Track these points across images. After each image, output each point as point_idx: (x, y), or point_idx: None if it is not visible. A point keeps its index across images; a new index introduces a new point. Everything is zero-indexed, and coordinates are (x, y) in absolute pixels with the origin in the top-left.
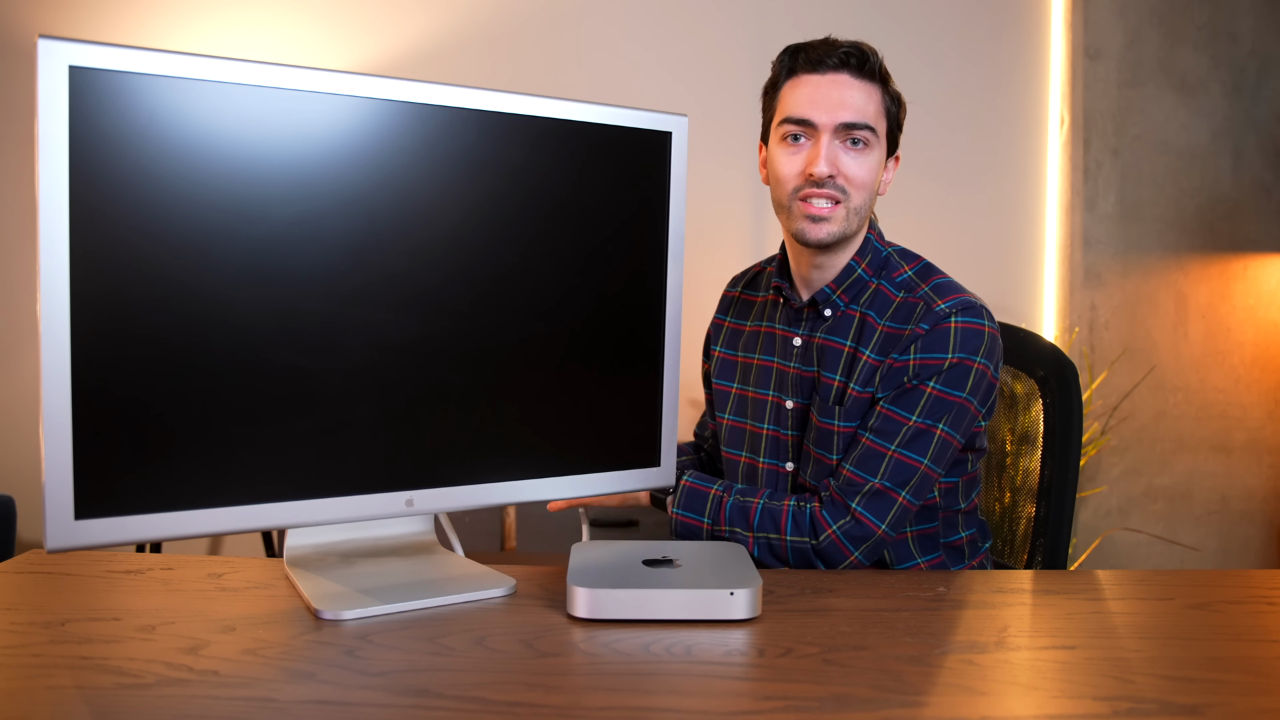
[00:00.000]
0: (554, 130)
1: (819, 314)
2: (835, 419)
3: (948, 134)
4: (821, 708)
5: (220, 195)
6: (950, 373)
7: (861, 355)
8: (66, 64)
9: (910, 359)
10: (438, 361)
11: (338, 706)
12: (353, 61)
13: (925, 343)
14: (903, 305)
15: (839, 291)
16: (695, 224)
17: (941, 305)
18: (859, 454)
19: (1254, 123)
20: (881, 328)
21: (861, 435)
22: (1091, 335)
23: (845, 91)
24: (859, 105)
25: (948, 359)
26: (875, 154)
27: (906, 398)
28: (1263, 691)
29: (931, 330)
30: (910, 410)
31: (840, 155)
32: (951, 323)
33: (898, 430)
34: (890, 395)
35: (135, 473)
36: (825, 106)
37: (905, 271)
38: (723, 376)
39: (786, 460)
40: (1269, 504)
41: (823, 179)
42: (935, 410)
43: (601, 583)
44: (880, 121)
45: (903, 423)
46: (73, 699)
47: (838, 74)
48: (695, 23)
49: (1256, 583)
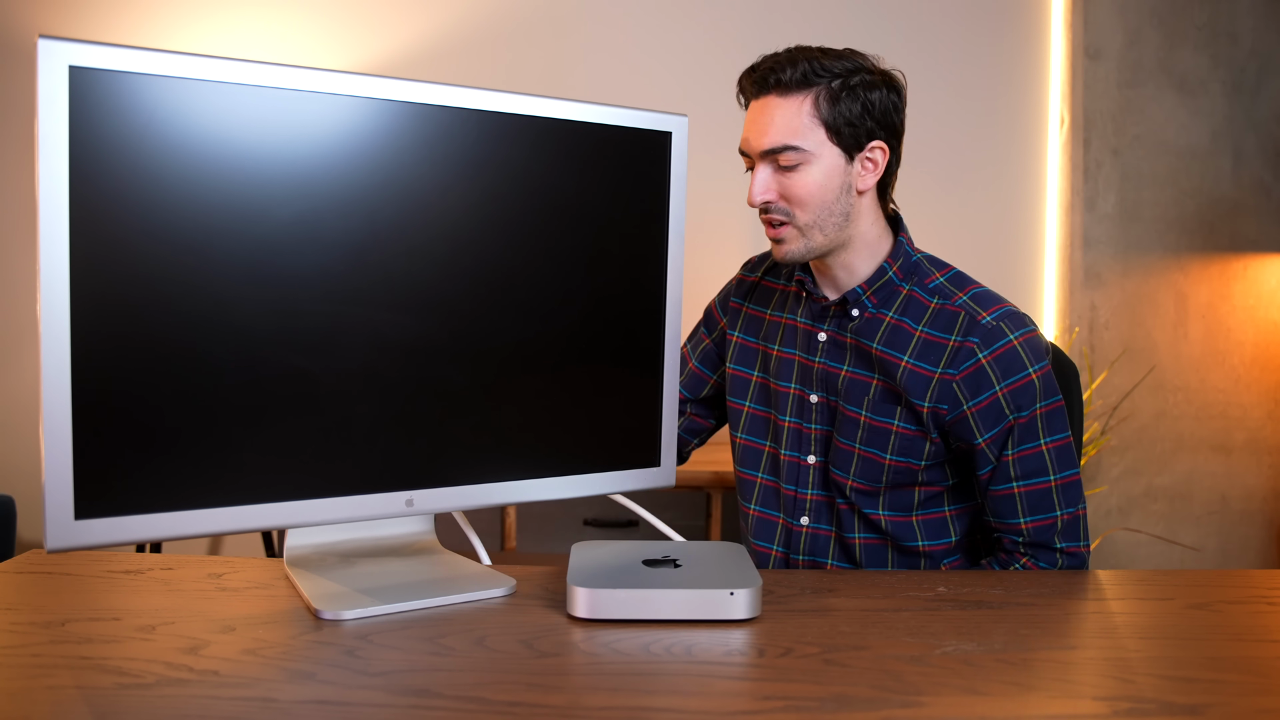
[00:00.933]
0: (554, 130)
1: (846, 313)
2: (895, 419)
3: (948, 134)
4: (821, 708)
5: (220, 195)
6: (1042, 387)
7: (902, 362)
8: (66, 64)
9: (996, 391)
10: (438, 361)
11: (338, 706)
12: (353, 61)
13: (1001, 370)
14: (941, 313)
15: (869, 293)
16: (695, 224)
17: (987, 318)
18: (1026, 504)
19: (1254, 123)
20: (920, 334)
21: (1014, 487)
22: (1091, 335)
23: (767, 115)
24: (780, 126)
25: (1032, 376)
26: (813, 168)
27: (1026, 431)
28: (1263, 691)
29: (997, 355)
30: (1036, 438)
31: (777, 179)
32: (1015, 340)
33: (1042, 462)
34: (1010, 437)
35: (135, 473)
36: (752, 135)
37: (937, 278)
38: (742, 363)
39: (809, 453)
40: (1269, 504)
41: (760, 207)
42: (1052, 424)
43: (601, 583)
44: (811, 133)
45: (1040, 452)
46: (73, 699)
47: (765, 97)
48: (695, 23)
49: (1256, 583)
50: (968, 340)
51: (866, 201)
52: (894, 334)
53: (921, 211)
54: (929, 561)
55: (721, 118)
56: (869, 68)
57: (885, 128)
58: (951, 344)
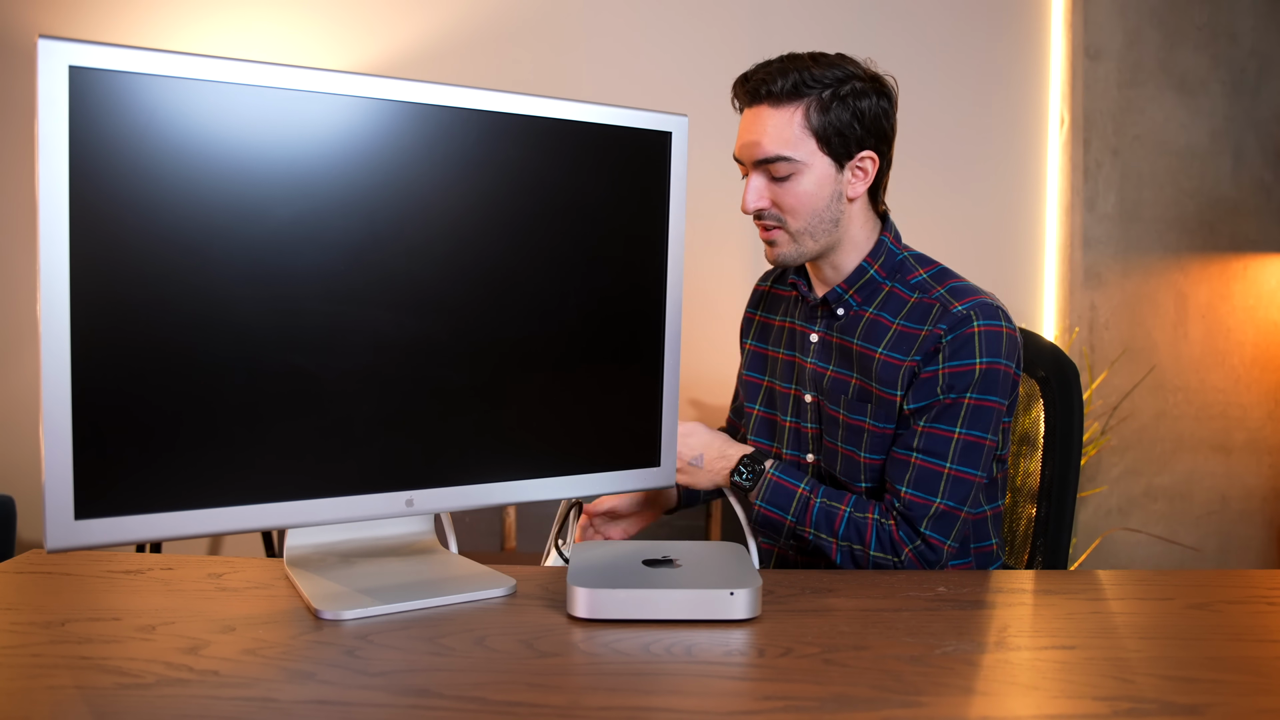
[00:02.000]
0: (554, 130)
1: (832, 312)
2: (866, 416)
3: (948, 134)
4: (821, 708)
5: (220, 195)
6: (982, 380)
7: (875, 354)
8: (66, 64)
9: (939, 368)
10: (438, 361)
11: (337, 706)
12: (353, 61)
13: (951, 350)
14: (917, 305)
15: (851, 291)
16: (695, 224)
17: (959, 307)
18: (915, 476)
19: (1254, 123)
20: (896, 326)
21: (913, 457)
22: (1091, 335)
23: (760, 125)
24: (772, 136)
25: (976, 366)
26: (805, 177)
27: (947, 412)
28: (1263, 691)
29: (955, 337)
30: (953, 424)
31: (770, 187)
32: (975, 327)
33: (946, 447)
34: (929, 412)
35: (135, 473)
36: (744, 145)
37: (920, 274)
38: (754, 369)
39: (807, 452)
40: (1269, 504)
41: (756, 212)
42: (977, 420)
43: (601, 583)
44: (802, 143)
45: (949, 438)
46: (73, 699)
47: (758, 107)
48: (695, 23)
49: (1256, 583)
50: (936, 327)
51: (858, 206)
52: (871, 328)
53: (922, 211)
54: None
55: (722, 118)
56: (859, 74)
57: (875, 134)
58: (923, 333)
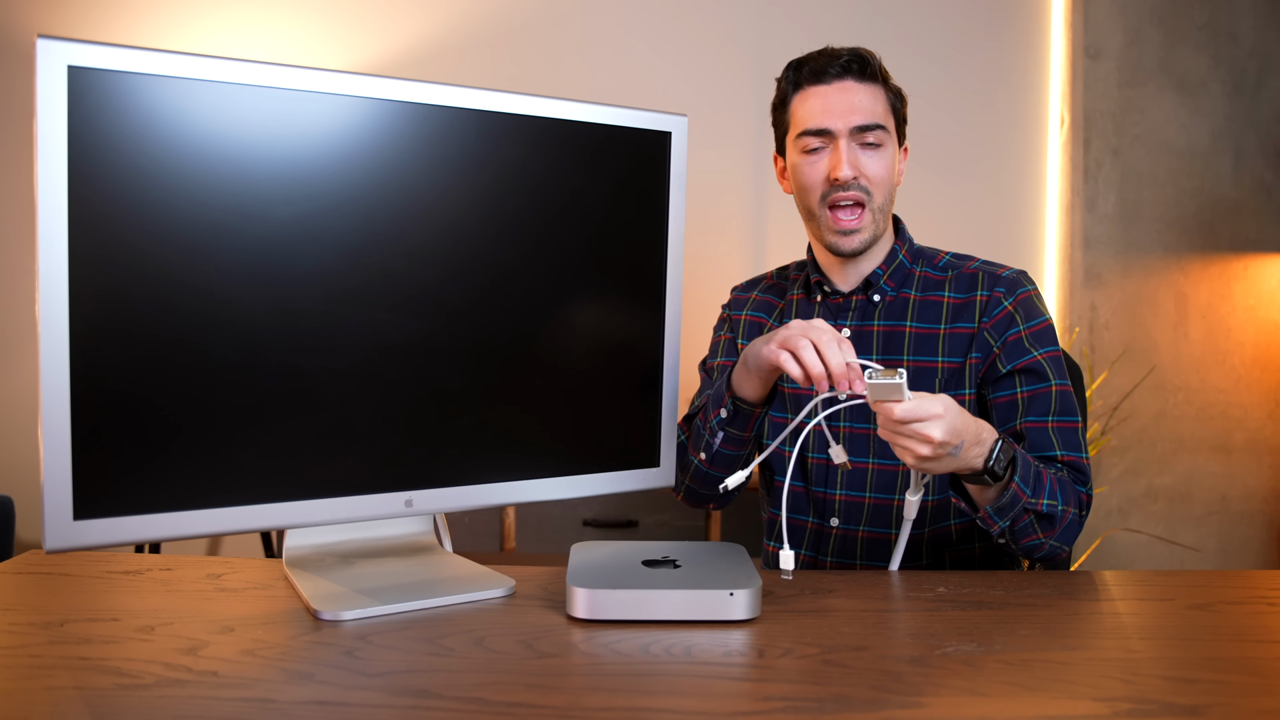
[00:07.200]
0: (554, 130)
1: (869, 301)
2: (935, 389)
3: (948, 133)
4: (821, 708)
5: (220, 195)
6: (1051, 334)
7: (939, 330)
8: (65, 64)
9: (1020, 329)
10: (438, 361)
11: (337, 707)
12: (353, 61)
13: (1024, 312)
14: (960, 278)
15: (886, 275)
16: (695, 224)
17: (1006, 272)
18: (1063, 438)
19: (1254, 123)
20: (948, 300)
21: (1048, 421)
22: (1091, 335)
23: (853, 96)
24: (868, 107)
25: (1046, 321)
26: (889, 150)
27: (1046, 368)
28: (1263, 692)
29: (1016, 299)
30: (1057, 378)
31: (859, 157)
32: (1030, 290)
33: (1067, 402)
34: (1030, 374)
35: (134, 473)
36: (838, 113)
37: (944, 256)
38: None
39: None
40: (1269, 504)
41: (847, 181)
42: (1060, 370)
43: (601, 583)
44: (889, 119)
45: (1065, 392)
46: (72, 699)
47: (843, 81)
48: (695, 23)
49: (1256, 583)
50: (995, 291)
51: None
52: (925, 309)
53: (922, 211)
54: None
55: (722, 118)
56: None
57: (904, 135)
58: (979, 298)
